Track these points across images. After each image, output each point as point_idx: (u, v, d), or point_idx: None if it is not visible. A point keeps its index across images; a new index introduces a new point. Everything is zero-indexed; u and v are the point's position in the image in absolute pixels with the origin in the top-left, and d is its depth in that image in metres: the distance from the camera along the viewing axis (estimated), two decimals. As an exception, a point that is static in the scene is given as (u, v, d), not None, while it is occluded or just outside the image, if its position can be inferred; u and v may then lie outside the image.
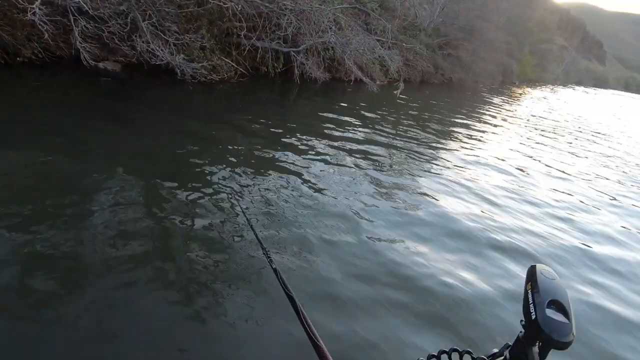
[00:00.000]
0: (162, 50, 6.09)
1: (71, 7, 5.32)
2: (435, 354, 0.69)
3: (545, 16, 45.95)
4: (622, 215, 5.20)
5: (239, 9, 7.24)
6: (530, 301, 0.59)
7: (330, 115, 7.24)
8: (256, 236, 1.24)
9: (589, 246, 3.89)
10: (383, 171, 4.83)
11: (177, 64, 6.31)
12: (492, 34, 23.52)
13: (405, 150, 6.03)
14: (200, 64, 6.67)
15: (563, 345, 0.56)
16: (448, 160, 5.98)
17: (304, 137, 5.41)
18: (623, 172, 7.95)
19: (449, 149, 6.83)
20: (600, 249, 3.91)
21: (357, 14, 11.79)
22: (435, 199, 4.20)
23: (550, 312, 0.57)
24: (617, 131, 15.26)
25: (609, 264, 3.61)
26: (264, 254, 1.15)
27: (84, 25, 5.37)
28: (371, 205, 3.64)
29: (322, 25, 8.71)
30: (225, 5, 6.95)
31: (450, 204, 4.11)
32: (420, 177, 4.93)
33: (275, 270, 0.99)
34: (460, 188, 4.78)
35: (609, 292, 3.10)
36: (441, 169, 5.42)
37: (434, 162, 5.78)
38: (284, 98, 8.70)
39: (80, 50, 5.36)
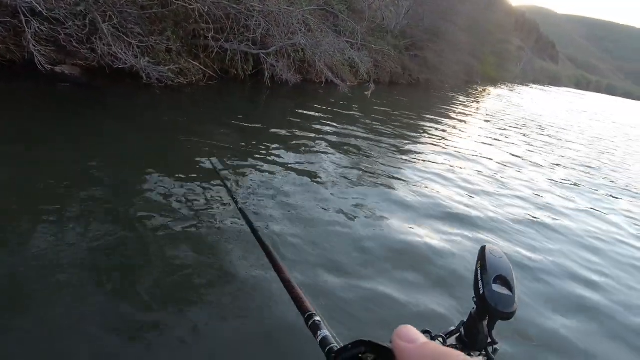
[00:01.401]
0: (125, 53, 5.82)
1: (22, 8, 4.96)
2: None
3: (503, 18, 48.17)
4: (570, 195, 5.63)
5: (206, 10, 7.06)
6: (479, 278, 0.64)
7: (303, 116, 7.23)
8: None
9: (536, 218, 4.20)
10: (357, 167, 4.96)
11: (142, 67, 6.05)
12: (456, 35, 24.36)
13: (377, 146, 6.23)
14: (167, 67, 6.44)
15: (507, 316, 0.61)
16: (418, 153, 6.25)
17: (277, 138, 5.39)
18: (561, 156, 8.63)
19: (419, 143, 7.02)
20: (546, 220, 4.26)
21: (325, 16, 11.83)
22: (406, 186, 4.43)
23: (496, 287, 0.62)
24: (569, 125, 16.33)
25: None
26: (231, 198, 1.13)
27: (38, 27, 5.03)
28: (346, 199, 3.67)
29: (291, 27, 8.67)
30: (191, 7, 6.76)
31: (420, 189, 4.24)
32: (393, 168, 5.16)
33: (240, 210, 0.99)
34: (430, 175, 5.11)
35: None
36: (412, 161, 5.62)
37: (404, 155, 6.05)
38: (255, 101, 8.58)
39: (35, 53, 5.01)
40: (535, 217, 4.51)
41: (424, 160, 5.96)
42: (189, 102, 6.95)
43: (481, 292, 0.62)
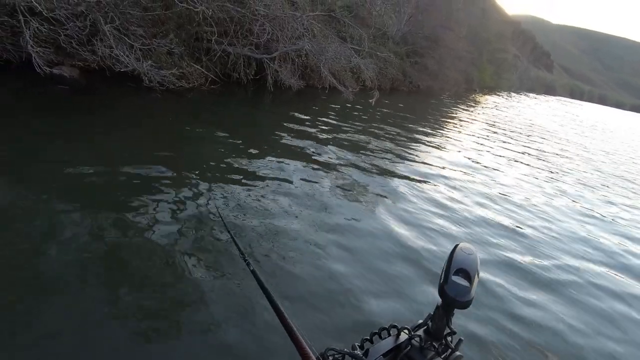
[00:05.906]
0: (127, 56, 5.63)
1: (21, 7, 4.76)
2: (368, 337, 0.73)
3: (500, 27, 48.69)
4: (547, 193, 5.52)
5: (210, 13, 6.90)
6: (444, 271, 0.68)
7: (307, 122, 7.08)
8: (235, 243, 1.14)
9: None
10: (361, 172, 4.95)
11: (144, 71, 5.86)
12: (455, 43, 24.46)
13: (382, 150, 6.28)
14: (169, 71, 6.25)
15: (462, 305, 0.64)
16: (419, 161, 6.22)
17: (280, 144, 5.27)
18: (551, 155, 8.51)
19: (422, 152, 6.90)
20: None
21: (328, 22, 11.72)
22: (401, 193, 4.47)
23: (456, 278, 0.65)
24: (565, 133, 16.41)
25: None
26: (241, 257, 1.02)
27: (37, 27, 4.83)
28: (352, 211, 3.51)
29: (296, 31, 8.54)
30: (196, 9, 6.59)
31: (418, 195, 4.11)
32: (392, 174, 5.19)
33: (253, 272, 0.91)
34: (428, 182, 4.89)
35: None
36: (414, 169, 5.52)
37: (404, 161, 6.04)
38: (257, 106, 8.40)
39: (33, 55, 4.81)
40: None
41: (426, 167, 5.84)
42: (190, 106, 6.75)
43: (441, 282, 0.66)
